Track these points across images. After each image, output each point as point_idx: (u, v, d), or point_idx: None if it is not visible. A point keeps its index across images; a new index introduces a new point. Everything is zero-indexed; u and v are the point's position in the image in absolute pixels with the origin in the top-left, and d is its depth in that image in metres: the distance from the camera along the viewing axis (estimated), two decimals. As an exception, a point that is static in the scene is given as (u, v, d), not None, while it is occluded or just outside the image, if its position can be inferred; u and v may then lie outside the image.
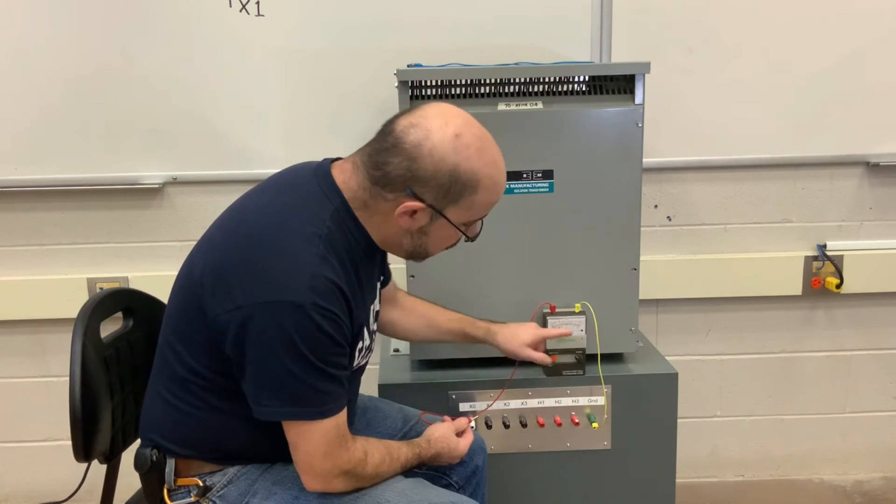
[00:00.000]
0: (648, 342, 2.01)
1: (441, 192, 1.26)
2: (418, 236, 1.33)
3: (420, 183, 1.25)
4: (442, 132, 1.24)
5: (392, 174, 1.25)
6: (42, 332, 2.38)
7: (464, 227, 1.33)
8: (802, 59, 2.25)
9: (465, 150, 1.24)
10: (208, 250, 1.31)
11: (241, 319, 1.20)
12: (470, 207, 1.29)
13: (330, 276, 1.23)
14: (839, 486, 2.54)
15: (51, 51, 2.17)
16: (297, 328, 1.19)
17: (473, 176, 1.25)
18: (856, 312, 2.46)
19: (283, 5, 2.17)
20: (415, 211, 1.27)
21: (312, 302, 1.19)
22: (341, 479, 1.29)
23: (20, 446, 2.47)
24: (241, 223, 1.31)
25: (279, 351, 1.20)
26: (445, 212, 1.28)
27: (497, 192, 1.32)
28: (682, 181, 2.35)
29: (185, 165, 2.26)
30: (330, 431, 1.26)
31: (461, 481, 1.58)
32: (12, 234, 2.32)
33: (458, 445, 1.50)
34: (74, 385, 1.41)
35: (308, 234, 1.24)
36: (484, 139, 1.28)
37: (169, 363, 1.35)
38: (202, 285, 1.26)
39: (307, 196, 1.30)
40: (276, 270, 1.21)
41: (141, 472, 1.36)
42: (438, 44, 2.17)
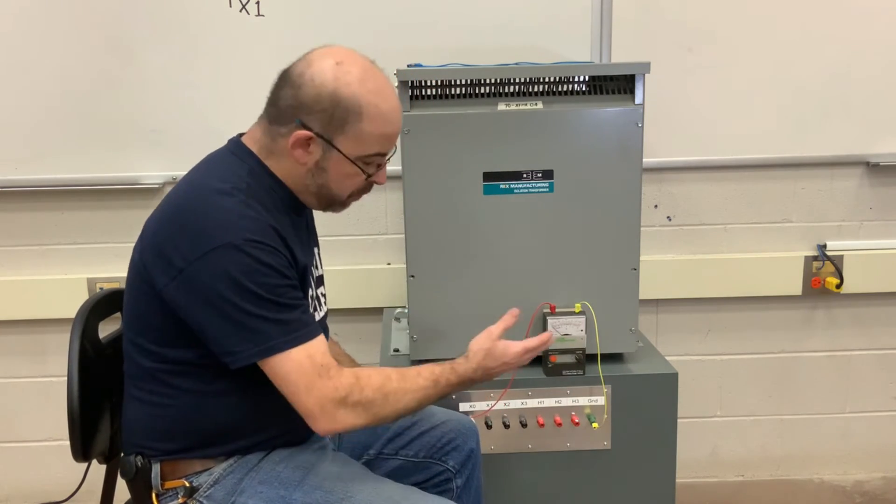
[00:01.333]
0: (648, 342, 2.01)
1: (325, 119, 1.30)
2: (318, 174, 1.35)
3: (305, 110, 1.30)
4: (323, 61, 1.31)
5: (282, 106, 1.32)
6: (42, 332, 2.38)
7: (361, 163, 1.35)
8: (802, 59, 2.25)
9: (346, 77, 1.29)
10: (144, 238, 1.34)
11: (187, 280, 1.24)
12: (359, 138, 1.31)
13: (256, 215, 1.27)
14: (839, 486, 2.54)
15: (51, 51, 2.17)
16: (236, 266, 1.22)
17: (355, 101, 1.29)
18: (856, 312, 2.46)
19: (283, 5, 2.17)
20: (308, 142, 1.31)
21: (244, 238, 1.23)
22: (342, 410, 1.25)
23: (20, 446, 2.47)
24: (167, 204, 1.34)
25: (228, 294, 1.22)
26: (335, 142, 1.31)
27: (386, 123, 1.33)
28: (682, 181, 2.35)
29: (185, 165, 2.21)
30: (304, 362, 1.24)
31: (458, 466, 1.59)
32: (12, 234, 2.32)
33: (508, 348, 1.39)
34: (72, 385, 1.41)
35: (226, 189, 1.29)
36: (367, 69, 1.32)
37: (134, 360, 1.37)
38: (145, 268, 1.30)
39: (221, 162, 1.37)
40: (204, 225, 1.25)
41: (127, 478, 1.36)
42: (438, 44, 2.17)
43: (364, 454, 1.59)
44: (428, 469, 1.57)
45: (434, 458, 1.58)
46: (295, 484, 1.34)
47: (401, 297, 2.16)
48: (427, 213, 1.76)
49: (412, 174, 1.74)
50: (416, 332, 1.82)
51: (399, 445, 1.56)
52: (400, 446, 1.56)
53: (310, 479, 1.35)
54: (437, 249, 1.77)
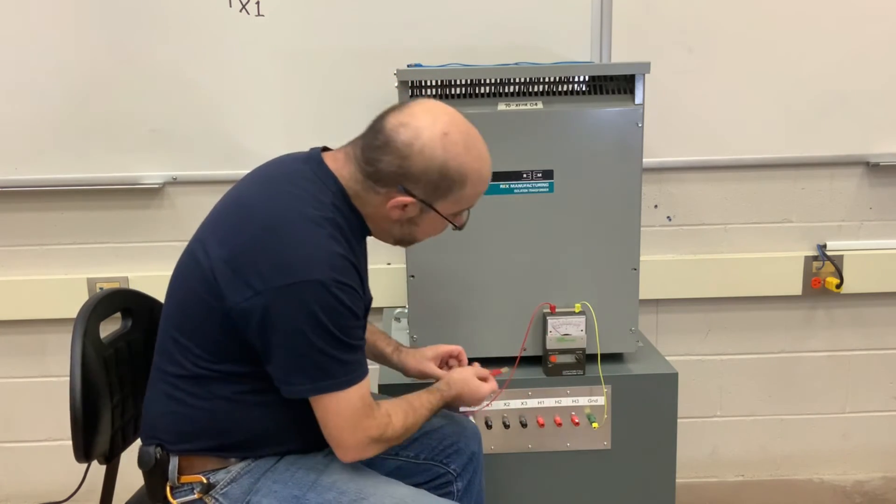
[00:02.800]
0: (648, 342, 2.01)
1: (431, 188, 1.31)
2: (408, 226, 1.38)
3: (411, 180, 1.30)
4: (431, 131, 1.29)
5: (384, 171, 1.30)
6: (42, 332, 2.38)
7: (452, 217, 1.39)
8: (802, 59, 2.25)
9: (454, 148, 1.30)
10: (215, 244, 1.31)
11: (264, 305, 1.23)
12: (458, 201, 1.35)
13: (343, 252, 1.28)
14: (839, 486, 2.54)
15: (51, 51, 2.17)
16: (320, 304, 1.23)
17: (461, 171, 1.31)
18: (856, 312, 2.46)
19: (283, 5, 2.17)
20: (405, 205, 1.32)
21: (332, 278, 1.24)
22: (372, 446, 1.33)
23: (20, 446, 2.47)
24: (246, 214, 1.32)
25: (305, 329, 1.23)
26: (435, 205, 1.34)
27: (484, 184, 1.38)
28: (682, 181, 2.35)
29: (185, 165, 2.26)
30: (355, 402, 1.29)
31: (459, 469, 1.59)
32: (12, 234, 2.32)
33: (479, 387, 1.55)
34: (75, 386, 1.41)
35: (316, 218, 1.28)
36: (470, 135, 1.34)
37: (173, 358, 1.36)
38: (215, 278, 1.28)
39: (306, 182, 1.34)
40: (293, 254, 1.24)
41: (145, 469, 1.36)
42: (438, 44, 2.17)
43: None
44: (429, 471, 1.56)
45: (435, 460, 1.58)
46: (309, 484, 1.36)
47: (401, 297, 2.16)
48: (427, 213, 1.75)
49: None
50: (416, 332, 1.82)
51: (400, 446, 1.56)
52: (401, 447, 1.56)
53: (323, 479, 1.36)
54: (437, 249, 1.77)
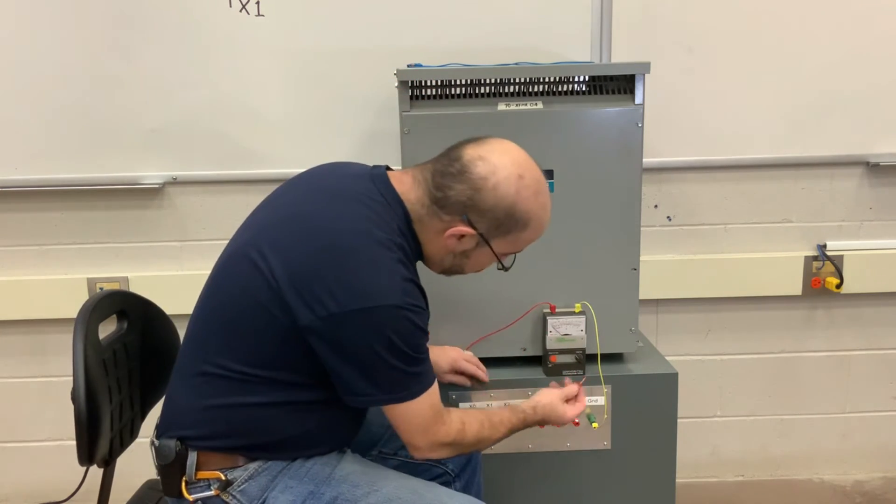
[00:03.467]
0: (648, 342, 2.01)
1: (494, 225, 1.35)
2: (459, 258, 1.42)
3: (478, 212, 1.34)
4: (508, 171, 1.33)
5: (453, 199, 1.34)
6: (42, 332, 2.38)
7: (502, 257, 1.42)
8: (803, 59, 2.25)
9: (525, 191, 1.34)
10: (280, 256, 1.30)
11: (338, 324, 1.25)
12: (515, 242, 1.40)
13: (412, 277, 1.32)
14: (839, 486, 2.54)
15: (51, 51, 2.17)
16: (394, 328, 1.26)
17: (526, 216, 1.35)
18: (856, 312, 2.46)
19: (283, 5, 2.17)
20: (462, 235, 1.36)
21: (406, 302, 1.27)
22: (444, 449, 1.39)
23: (20, 446, 2.47)
24: (316, 232, 1.31)
25: (379, 350, 1.26)
26: (492, 242, 1.38)
27: (541, 232, 1.42)
28: (682, 181, 2.35)
29: (185, 165, 2.26)
30: (425, 409, 1.34)
31: (457, 469, 1.60)
32: (12, 234, 2.32)
33: (566, 412, 1.57)
34: (78, 390, 1.40)
35: (386, 242, 1.30)
36: (541, 183, 1.38)
37: (216, 358, 1.34)
38: (280, 292, 1.27)
39: (375, 204, 1.34)
40: (367, 278, 1.26)
41: (163, 463, 1.36)
42: (438, 44, 2.17)
43: (367, 454, 1.60)
44: (428, 471, 1.57)
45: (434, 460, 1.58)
46: (323, 479, 1.37)
47: (401, 297, 2.16)
48: (427, 213, 1.75)
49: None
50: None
51: (399, 445, 1.56)
52: (400, 446, 1.56)
53: (336, 473, 1.38)
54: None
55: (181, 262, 2.34)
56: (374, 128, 2.23)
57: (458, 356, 1.75)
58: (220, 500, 1.36)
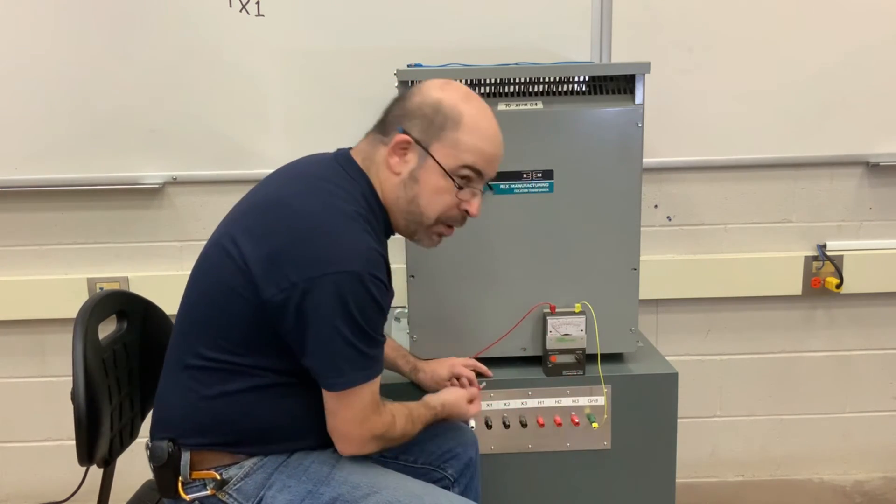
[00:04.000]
0: (648, 342, 2.01)
1: (425, 125, 1.36)
2: (410, 185, 1.38)
3: (408, 117, 1.37)
4: (434, 82, 1.41)
5: (388, 118, 1.41)
6: (42, 332, 2.38)
7: (454, 176, 1.37)
8: (803, 59, 2.25)
9: (452, 92, 1.38)
10: (250, 241, 1.32)
11: (301, 294, 1.25)
12: (455, 146, 1.36)
13: (376, 247, 1.32)
14: (839, 486, 2.55)
15: (51, 51, 2.17)
16: (353, 296, 1.26)
17: (456, 109, 1.35)
18: (856, 312, 2.46)
19: (283, 5, 2.17)
20: (405, 149, 1.37)
21: (368, 271, 1.27)
22: (374, 442, 1.37)
23: (20, 446, 2.48)
24: (283, 211, 1.33)
25: (337, 320, 1.26)
26: (431, 149, 1.36)
27: (483, 138, 1.38)
28: (682, 181, 2.35)
29: (185, 165, 2.26)
30: (367, 397, 1.33)
31: (456, 474, 1.60)
32: (12, 234, 2.32)
33: (468, 410, 1.64)
34: (78, 390, 1.40)
35: (351, 213, 1.32)
36: (475, 96, 1.40)
37: (194, 351, 1.35)
38: (250, 273, 1.29)
39: (338, 178, 1.38)
40: (330, 246, 1.27)
41: (157, 464, 1.36)
42: (438, 44, 2.17)
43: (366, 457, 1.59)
44: (427, 475, 1.57)
45: (433, 465, 1.58)
46: (322, 479, 1.37)
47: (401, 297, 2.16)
48: (427, 213, 1.75)
49: (412, 174, 1.74)
50: (416, 332, 1.82)
51: (400, 450, 1.56)
52: (400, 451, 1.56)
53: (336, 474, 1.38)
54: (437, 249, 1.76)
55: (181, 262, 2.34)
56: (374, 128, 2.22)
57: (456, 361, 1.76)
58: (217, 499, 1.36)
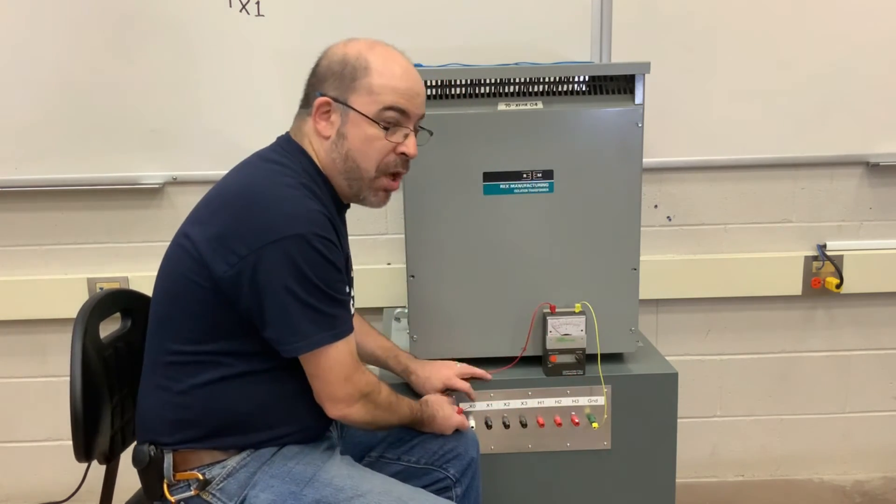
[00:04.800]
0: (648, 342, 2.01)
1: (337, 81, 1.38)
2: (340, 143, 1.39)
3: (322, 81, 1.39)
4: (337, 43, 1.43)
5: (307, 90, 1.43)
6: (42, 332, 2.38)
7: (379, 121, 1.37)
8: (803, 59, 2.25)
9: (355, 44, 1.40)
10: (198, 229, 1.34)
11: (251, 266, 1.27)
12: (370, 91, 1.36)
13: (320, 209, 1.33)
14: (839, 486, 2.55)
15: (51, 51, 2.17)
16: (303, 258, 1.27)
17: (362, 58, 1.37)
18: (856, 312, 2.46)
19: (283, 5, 2.17)
20: (327, 111, 1.38)
21: (313, 232, 1.28)
22: (361, 402, 1.37)
23: (20, 446, 2.48)
24: (226, 194, 1.36)
25: (291, 284, 1.27)
26: (350, 101, 1.37)
27: (394, 76, 1.38)
28: (682, 181, 2.35)
29: (185, 165, 2.26)
30: (345, 354, 1.33)
31: (458, 474, 1.60)
32: (12, 234, 2.32)
33: (453, 415, 1.60)
34: (75, 386, 1.41)
35: (291, 183, 1.34)
36: (378, 43, 1.41)
37: (164, 348, 1.37)
38: (200, 257, 1.31)
39: (277, 156, 1.41)
40: (272, 214, 1.29)
41: (139, 468, 1.37)
42: (438, 44, 2.17)
43: (366, 456, 1.59)
44: (428, 475, 1.57)
45: (435, 465, 1.58)
46: (306, 480, 1.36)
47: (401, 297, 2.16)
48: (427, 213, 1.76)
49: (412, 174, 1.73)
50: (416, 332, 1.82)
51: (402, 451, 1.57)
52: (402, 451, 1.56)
53: (320, 475, 1.37)
54: (437, 249, 1.77)
55: (181, 262, 2.34)
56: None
57: (451, 373, 1.73)
58: (201, 499, 1.36)
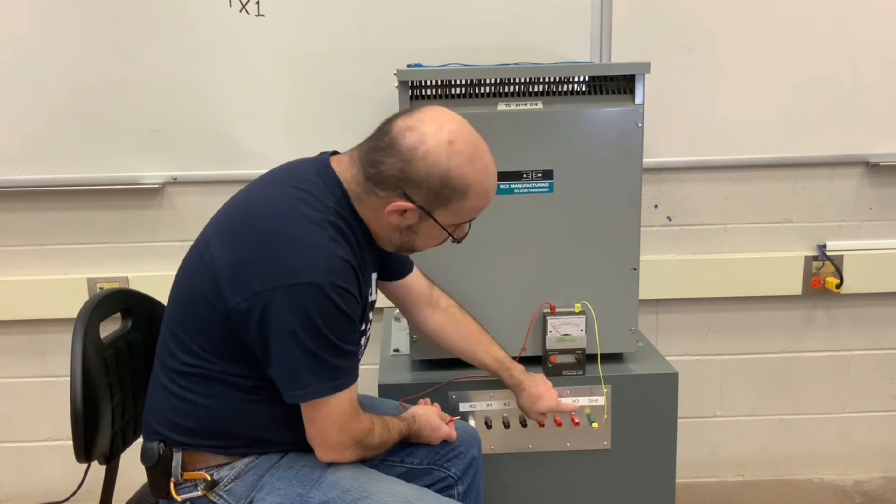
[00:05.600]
0: (648, 342, 2.01)
1: (431, 196, 1.30)
2: (406, 233, 1.37)
3: (412, 185, 1.29)
4: (436, 137, 1.28)
5: (385, 174, 1.30)
6: (42, 332, 2.38)
7: (451, 229, 1.38)
8: (803, 59, 2.25)
9: (458, 157, 1.29)
10: (220, 245, 1.32)
11: (262, 305, 1.24)
12: (459, 212, 1.35)
13: (343, 255, 1.28)
14: (839, 486, 2.55)
15: (51, 51, 2.17)
16: (316, 308, 1.24)
17: (464, 182, 1.30)
18: (856, 312, 2.46)
19: (283, 5, 2.17)
20: (404, 210, 1.32)
21: (329, 281, 1.24)
22: (352, 449, 1.35)
23: (20, 446, 2.48)
24: (251, 217, 1.33)
25: (299, 331, 1.24)
26: (434, 214, 1.33)
27: (486, 198, 1.36)
28: (682, 181, 2.35)
29: (185, 165, 2.26)
30: (345, 405, 1.31)
31: (459, 473, 1.60)
32: (12, 234, 2.32)
33: (440, 426, 1.57)
34: (75, 386, 1.41)
35: (317, 220, 1.29)
36: (477, 146, 1.32)
37: (174, 354, 1.36)
38: (217, 280, 1.29)
39: (310, 185, 1.34)
40: (292, 255, 1.25)
41: (148, 465, 1.36)
42: (438, 44, 2.17)
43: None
44: (430, 475, 1.57)
45: (436, 464, 1.58)
46: (313, 482, 1.36)
47: (401, 297, 2.16)
48: (427, 213, 1.75)
49: (412, 174, 1.74)
50: (417, 332, 1.82)
51: (404, 454, 1.56)
52: (405, 454, 1.56)
53: (327, 477, 1.37)
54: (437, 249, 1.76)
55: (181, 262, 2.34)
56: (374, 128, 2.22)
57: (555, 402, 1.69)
58: (208, 500, 1.36)
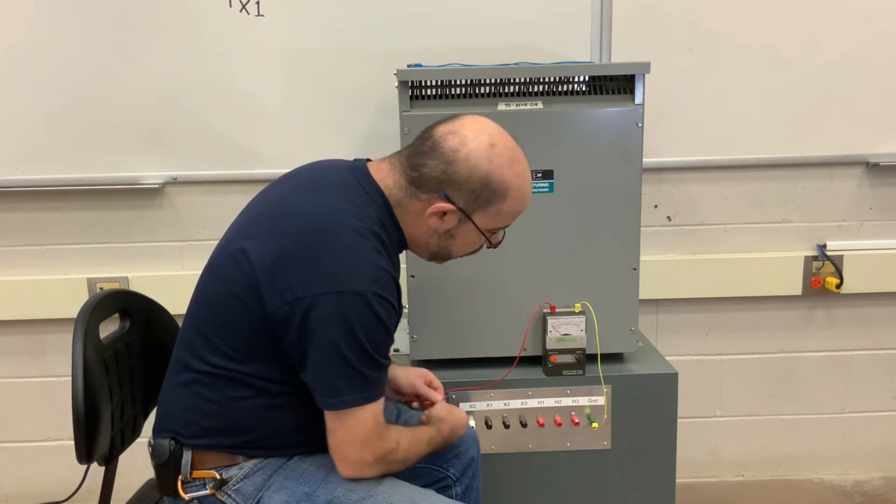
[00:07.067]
0: (648, 342, 2.01)
1: (472, 197, 1.34)
2: (444, 238, 1.40)
3: (453, 186, 1.33)
4: (478, 140, 1.33)
5: (427, 175, 1.33)
6: (42, 332, 2.38)
7: (488, 234, 1.40)
8: (802, 59, 2.25)
9: (499, 160, 1.33)
10: (258, 249, 1.31)
11: (304, 310, 1.24)
12: (497, 215, 1.37)
13: (386, 267, 1.30)
14: (839, 486, 2.55)
15: (51, 51, 2.17)
16: (358, 317, 1.25)
17: (503, 184, 1.34)
18: (856, 312, 2.46)
19: (283, 5, 2.17)
20: (444, 213, 1.35)
21: (374, 292, 1.26)
22: (374, 466, 1.34)
23: (20, 446, 2.47)
24: (294, 222, 1.32)
25: (339, 340, 1.24)
26: (473, 216, 1.36)
27: (523, 203, 1.40)
28: (682, 181, 2.35)
29: (185, 165, 2.26)
30: (369, 420, 1.30)
31: (458, 473, 1.60)
32: (12, 234, 2.32)
33: (462, 416, 1.57)
34: (77, 387, 1.40)
35: (362, 230, 1.30)
36: (516, 151, 1.36)
37: (200, 356, 1.36)
38: (257, 280, 1.28)
39: (352, 193, 1.35)
40: (338, 263, 1.26)
41: (158, 462, 1.36)
42: (438, 44, 2.17)
43: None
44: (428, 475, 1.57)
45: (435, 465, 1.58)
46: (319, 481, 1.37)
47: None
48: (427, 213, 1.75)
49: (412, 174, 1.74)
50: (416, 332, 1.82)
51: None
52: None
53: (332, 477, 1.37)
54: (437, 249, 1.77)
55: (181, 262, 2.34)
56: (374, 128, 2.23)
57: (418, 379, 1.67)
58: (216, 498, 1.36)
